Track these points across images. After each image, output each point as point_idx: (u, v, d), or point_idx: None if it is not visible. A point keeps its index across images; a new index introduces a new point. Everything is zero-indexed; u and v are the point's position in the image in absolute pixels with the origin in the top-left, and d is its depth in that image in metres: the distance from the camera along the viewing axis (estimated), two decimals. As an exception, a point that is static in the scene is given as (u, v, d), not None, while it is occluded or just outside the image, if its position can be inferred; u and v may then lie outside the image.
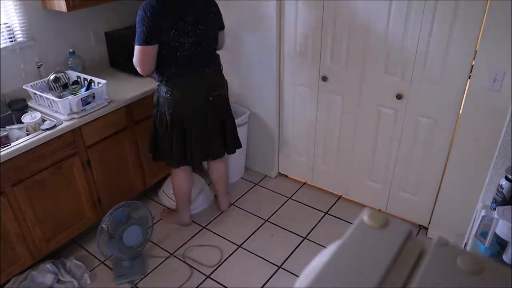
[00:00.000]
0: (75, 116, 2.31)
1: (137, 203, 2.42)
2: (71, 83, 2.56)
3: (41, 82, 2.48)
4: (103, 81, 2.46)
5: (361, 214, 0.50)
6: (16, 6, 2.45)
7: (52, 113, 2.35)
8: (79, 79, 2.59)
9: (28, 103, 2.48)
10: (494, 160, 2.04)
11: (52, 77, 2.47)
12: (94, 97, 2.39)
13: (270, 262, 2.50)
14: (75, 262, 2.42)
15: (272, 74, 2.86)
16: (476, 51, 2.06)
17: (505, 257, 1.55)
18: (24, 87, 2.42)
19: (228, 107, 2.53)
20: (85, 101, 2.35)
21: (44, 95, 2.36)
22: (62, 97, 2.36)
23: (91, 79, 2.51)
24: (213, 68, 2.34)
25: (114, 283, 2.38)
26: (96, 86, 2.47)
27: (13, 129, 2.25)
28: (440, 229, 2.56)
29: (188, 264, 2.50)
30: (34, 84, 2.45)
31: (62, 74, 2.52)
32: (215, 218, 2.88)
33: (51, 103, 2.35)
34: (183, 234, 2.73)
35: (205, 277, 2.41)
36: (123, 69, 2.95)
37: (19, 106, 2.44)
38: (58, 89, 2.47)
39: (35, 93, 2.41)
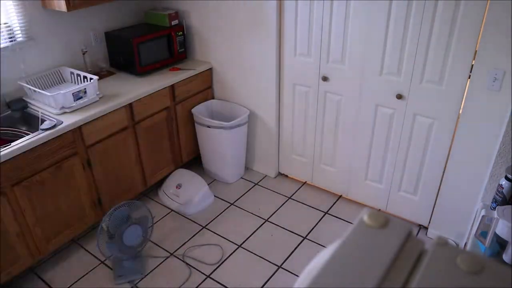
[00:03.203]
0: (67, 110, 2.36)
1: (137, 203, 2.42)
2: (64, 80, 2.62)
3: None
4: (94, 77, 2.51)
5: (361, 214, 0.50)
6: (16, 6, 2.45)
7: (46, 108, 2.41)
8: (72, 76, 2.67)
9: (23, 98, 2.52)
10: (494, 160, 2.05)
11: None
12: (85, 92, 2.44)
13: (270, 262, 2.50)
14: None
15: (272, 74, 2.87)
16: (476, 51, 2.06)
17: (505, 257, 1.55)
18: (19, 82, 2.48)
19: None
20: (76, 96, 2.39)
21: (38, 90, 2.42)
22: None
23: (84, 75, 2.59)
24: None
25: (114, 283, 2.38)
26: (88, 82, 2.51)
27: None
28: (440, 229, 2.56)
29: (188, 264, 2.50)
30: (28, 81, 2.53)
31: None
32: (215, 218, 2.88)
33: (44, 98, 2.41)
34: (183, 234, 2.73)
35: (205, 277, 2.41)
36: (123, 69, 2.95)
37: (19, 106, 2.44)
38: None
39: (29, 88, 2.46)
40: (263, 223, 2.82)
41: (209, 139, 3.06)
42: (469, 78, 2.14)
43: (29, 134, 2.20)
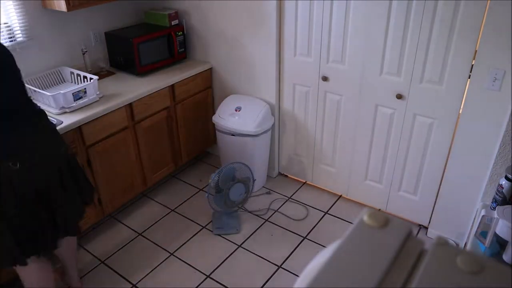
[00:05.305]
0: (67, 110, 2.36)
1: (242, 165, 2.66)
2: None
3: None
4: (94, 77, 2.51)
5: (361, 213, 0.50)
6: (16, 6, 2.45)
7: (46, 108, 2.37)
8: (72, 76, 2.67)
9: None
10: (494, 160, 2.05)
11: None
12: (85, 92, 2.44)
13: (270, 262, 2.50)
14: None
15: (272, 74, 2.87)
16: (476, 51, 2.06)
17: (505, 257, 1.55)
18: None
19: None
20: (76, 96, 2.39)
21: (38, 90, 2.42)
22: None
23: (84, 75, 2.59)
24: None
25: (213, 233, 2.72)
26: (88, 82, 2.51)
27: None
28: (440, 229, 2.56)
29: (188, 264, 2.50)
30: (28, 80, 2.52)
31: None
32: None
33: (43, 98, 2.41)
34: (183, 234, 2.73)
35: (205, 277, 2.41)
36: (123, 69, 2.95)
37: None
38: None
39: (29, 88, 2.44)
40: (263, 223, 2.82)
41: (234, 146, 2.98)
42: (469, 78, 2.14)
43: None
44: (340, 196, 3.06)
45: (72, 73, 2.67)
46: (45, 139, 1.83)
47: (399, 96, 2.41)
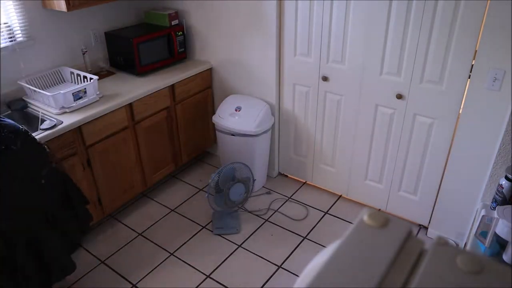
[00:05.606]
0: (67, 110, 2.36)
1: (242, 166, 2.66)
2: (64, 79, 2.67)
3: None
4: (94, 77, 2.51)
5: (361, 213, 0.50)
6: (16, 6, 2.45)
7: (46, 108, 2.41)
8: (72, 76, 2.68)
9: (23, 98, 2.53)
10: (494, 160, 2.05)
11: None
12: (85, 92, 2.44)
13: (270, 262, 2.50)
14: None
15: (272, 74, 2.87)
16: (476, 51, 2.06)
17: (505, 257, 1.55)
18: (19, 82, 2.48)
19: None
20: (76, 96, 2.39)
21: (38, 90, 2.42)
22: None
23: (84, 75, 2.60)
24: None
25: (213, 233, 2.72)
26: (88, 82, 2.52)
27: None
28: (440, 229, 2.56)
29: (188, 264, 2.50)
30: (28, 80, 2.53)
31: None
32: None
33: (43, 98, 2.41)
34: (183, 234, 2.73)
35: (205, 277, 2.41)
36: (123, 69, 2.95)
37: (19, 106, 2.44)
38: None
39: (29, 88, 2.47)
40: (263, 223, 2.82)
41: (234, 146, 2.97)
42: (469, 78, 2.14)
43: (29, 134, 2.20)
44: (340, 196, 3.06)
45: (72, 73, 2.67)
46: (23, 163, 1.69)
47: (399, 96, 2.41)
